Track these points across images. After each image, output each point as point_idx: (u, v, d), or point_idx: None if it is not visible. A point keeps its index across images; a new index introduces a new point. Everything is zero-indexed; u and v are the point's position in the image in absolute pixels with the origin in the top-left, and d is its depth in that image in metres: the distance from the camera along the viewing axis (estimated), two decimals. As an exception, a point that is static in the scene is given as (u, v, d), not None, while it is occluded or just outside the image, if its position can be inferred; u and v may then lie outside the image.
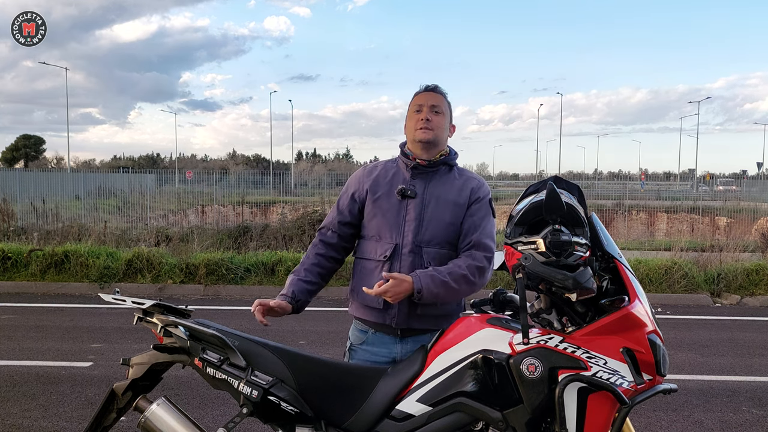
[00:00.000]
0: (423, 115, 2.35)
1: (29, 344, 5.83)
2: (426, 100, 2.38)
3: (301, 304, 2.37)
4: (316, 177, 36.94)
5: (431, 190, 2.34)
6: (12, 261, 9.00)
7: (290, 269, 8.82)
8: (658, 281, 8.83)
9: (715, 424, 4.15)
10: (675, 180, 58.56)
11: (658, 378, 1.94)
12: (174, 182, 30.20)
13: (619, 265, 2.02)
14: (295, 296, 2.35)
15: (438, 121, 2.36)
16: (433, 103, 2.37)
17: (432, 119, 2.35)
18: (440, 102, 2.39)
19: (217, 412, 4.15)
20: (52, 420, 4.01)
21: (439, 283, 2.19)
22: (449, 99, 2.44)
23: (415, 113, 2.39)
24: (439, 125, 2.36)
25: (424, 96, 2.40)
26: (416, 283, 2.17)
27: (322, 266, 2.45)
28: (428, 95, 2.40)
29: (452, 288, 2.21)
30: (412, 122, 2.39)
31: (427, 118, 2.34)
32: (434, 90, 2.42)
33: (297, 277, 2.40)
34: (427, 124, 2.34)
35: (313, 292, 2.42)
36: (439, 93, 2.41)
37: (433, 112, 2.36)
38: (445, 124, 2.39)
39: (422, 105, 2.38)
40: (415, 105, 2.41)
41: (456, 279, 2.21)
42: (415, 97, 2.43)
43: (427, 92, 2.41)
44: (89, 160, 76.72)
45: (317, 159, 78.66)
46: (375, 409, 2.09)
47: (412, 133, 2.37)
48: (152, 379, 2.26)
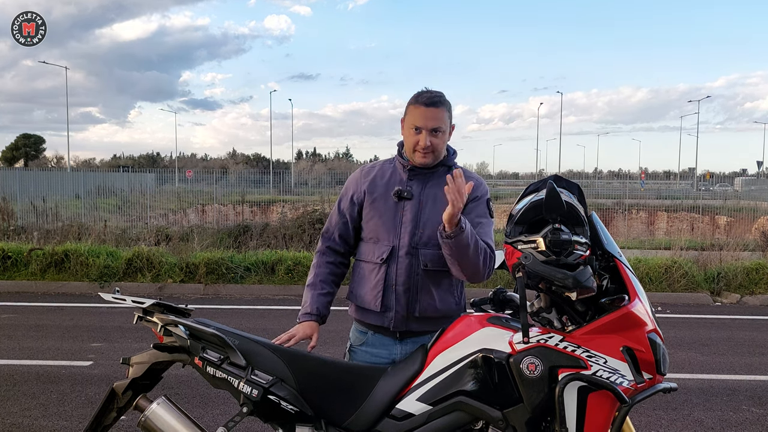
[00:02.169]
0: (422, 141, 2.23)
1: (29, 343, 5.83)
2: (425, 122, 2.22)
3: (325, 317, 2.40)
4: (316, 176, 36.93)
5: (428, 191, 2.31)
6: (12, 260, 9.00)
7: (290, 268, 8.92)
8: (658, 280, 8.83)
9: (715, 423, 4.15)
10: (675, 179, 58.52)
11: (658, 377, 1.93)
12: (174, 181, 30.19)
13: (619, 264, 2.02)
14: (320, 312, 2.38)
15: (437, 143, 2.25)
16: (434, 126, 2.23)
17: (432, 143, 2.23)
18: (441, 121, 2.24)
19: (218, 411, 4.15)
20: (52, 419, 4.01)
21: (473, 239, 2.11)
22: (448, 99, 2.30)
23: (414, 132, 2.25)
24: (439, 146, 2.27)
25: (423, 115, 2.23)
26: (462, 221, 2.07)
27: (335, 274, 2.46)
28: (428, 114, 2.22)
29: (475, 251, 2.12)
30: (411, 140, 2.27)
31: (427, 145, 2.23)
32: (435, 105, 2.23)
33: (316, 292, 2.40)
34: (426, 149, 2.24)
35: (332, 302, 2.45)
36: (440, 107, 2.24)
37: (432, 135, 2.24)
38: (445, 139, 2.29)
39: (421, 128, 2.23)
40: (412, 122, 2.25)
41: (478, 248, 2.14)
42: (414, 109, 2.26)
43: (427, 109, 2.23)
44: (89, 159, 76.78)
45: (317, 158, 78.66)
46: (375, 408, 2.09)
47: (410, 151, 2.29)
48: (152, 378, 2.26)
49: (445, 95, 2.31)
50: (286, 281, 8.88)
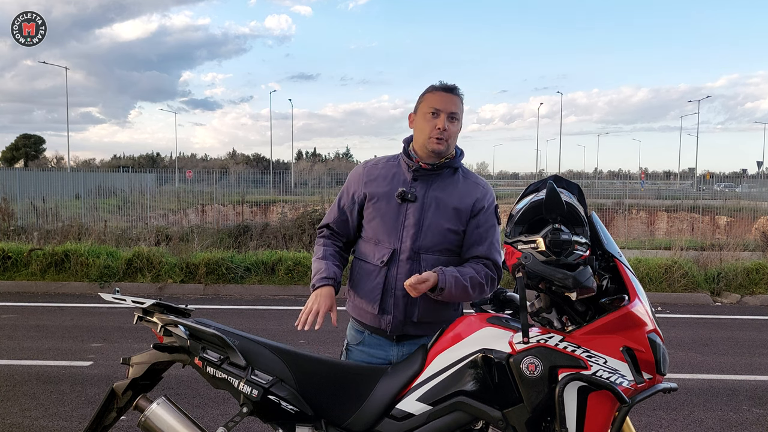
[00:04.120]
0: (441, 123, 2.21)
1: (29, 343, 5.83)
2: (444, 105, 2.22)
3: (339, 285, 2.32)
4: (316, 176, 36.92)
5: (432, 194, 2.26)
6: (12, 260, 9.00)
7: (290, 268, 8.92)
8: (658, 280, 8.83)
9: (715, 423, 4.15)
10: (675, 179, 58.52)
11: (658, 377, 1.94)
12: (174, 181, 30.19)
13: (619, 264, 2.02)
14: (336, 277, 2.30)
15: (453, 131, 2.24)
16: (452, 110, 2.23)
17: (448, 128, 2.22)
18: (458, 107, 2.25)
19: (217, 411, 4.15)
20: (52, 419, 4.01)
21: (460, 287, 2.16)
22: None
23: (431, 116, 2.23)
24: (454, 135, 2.26)
25: (442, 98, 2.24)
26: (441, 281, 2.12)
27: (342, 256, 2.42)
28: (447, 98, 2.23)
29: (468, 293, 2.19)
30: (427, 125, 2.23)
31: (444, 128, 2.21)
32: (453, 91, 2.25)
33: (329, 262, 2.33)
34: (442, 134, 2.21)
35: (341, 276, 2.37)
36: (458, 95, 2.26)
37: (449, 120, 2.22)
38: (458, 130, 2.28)
39: (440, 110, 2.22)
40: (430, 105, 2.24)
41: (473, 286, 2.19)
42: (431, 95, 2.26)
43: (446, 93, 2.24)
44: (89, 159, 76.78)
45: (317, 158, 78.62)
46: (375, 408, 2.09)
47: (425, 138, 2.23)
48: (152, 378, 2.26)
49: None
50: (286, 281, 8.88)
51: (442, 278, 2.13)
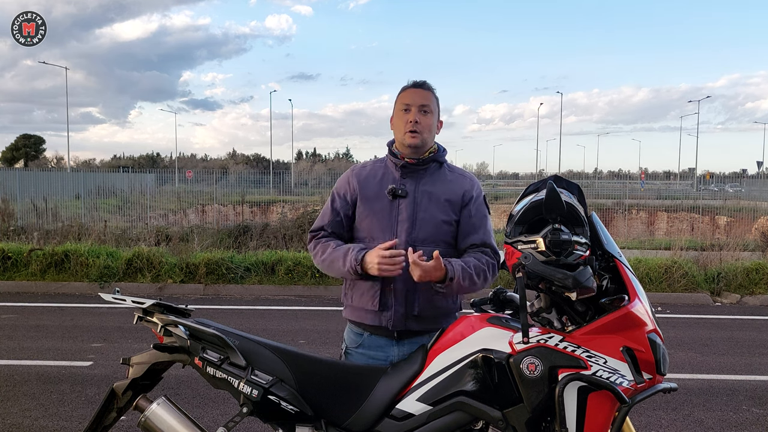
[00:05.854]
0: (411, 117, 2.29)
1: (29, 344, 5.83)
2: (414, 99, 2.32)
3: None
4: (316, 176, 36.91)
5: (422, 188, 2.31)
6: (12, 260, 9.00)
7: (290, 269, 8.92)
8: (658, 280, 8.83)
9: (715, 423, 4.15)
10: (675, 179, 58.52)
11: (658, 377, 1.94)
12: (174, 182, 30.17)
13: (619, 264, 2.02)
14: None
15: (426, 123, 2.31)
16: (422, 102, 2.31)
17: (420, 121, 2.29)
18: (429, 100, 2.33)
19: (217, 411, 4.15)
20: (52, 419, 4.01)
21: (466, 277, 2.19)
22: (437, 94, 2.38)
23: (403, 112, 2.32)
24: (427, 126, 2.31)
25: (412, 93, 2.34)
26: (450, 271, 2.14)
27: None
28: (416, 93, 2.33)
29: (474, 282, 2.21)
30: (400, 122, 2.33)
31: (416, 120, 2.28)
32: (422, 86, 2.35)
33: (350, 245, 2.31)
34: (415, 126, 2.28)
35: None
36: (428, 89, 2.35)
37: (421, 113, 2.30)
38: (433, 124, 2.34)
39: (410, 105, 2.31)
40: (402, 103, 2.34)
41: (478, 274, 2.23)
42: (403, 94, 2.36)
43: (416, 89, 2.35)
44: (89, 159, 76.72)
45: (317, 158, 78.61)
46: (375, 408, 2.09)
47: (401, 134, 2.32)
48: (152, 378, 2.26)
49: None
50: (286, 281, 8.88)
51: (450, 268, 2.15)
